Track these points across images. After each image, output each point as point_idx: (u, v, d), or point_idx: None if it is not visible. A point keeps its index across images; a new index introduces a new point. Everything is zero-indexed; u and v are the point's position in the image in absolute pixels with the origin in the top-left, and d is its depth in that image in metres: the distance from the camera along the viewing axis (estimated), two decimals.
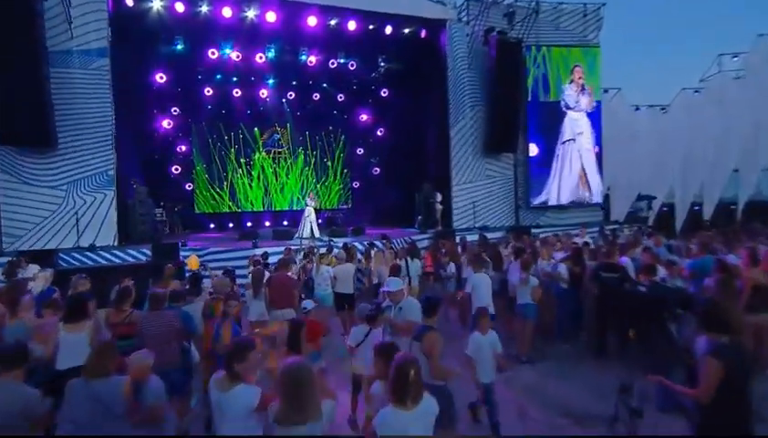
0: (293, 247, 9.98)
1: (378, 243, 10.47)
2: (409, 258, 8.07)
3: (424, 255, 9.74)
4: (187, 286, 6.72)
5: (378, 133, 17.95)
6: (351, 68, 15.35)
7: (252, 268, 7.28)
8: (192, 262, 8.54)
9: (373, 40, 13.72)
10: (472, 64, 13.75)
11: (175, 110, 15.41)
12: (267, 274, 6.51)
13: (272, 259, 8.54)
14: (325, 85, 16.24)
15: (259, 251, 9.35)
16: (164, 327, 4.42)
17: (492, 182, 14.01)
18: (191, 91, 15.03)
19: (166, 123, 15.20)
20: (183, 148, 16.09)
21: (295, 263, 8.53)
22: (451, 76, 13.51)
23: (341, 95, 17.06)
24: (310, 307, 4.94)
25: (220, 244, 11.63)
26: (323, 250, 9.21)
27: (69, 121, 10.53)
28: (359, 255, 9.09)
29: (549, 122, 14.49)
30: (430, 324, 3.78)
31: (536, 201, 14.63)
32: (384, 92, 16.68)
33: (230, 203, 16.75)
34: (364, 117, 17.95)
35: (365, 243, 10.37)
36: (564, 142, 14.58)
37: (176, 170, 15.61)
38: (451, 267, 8.04)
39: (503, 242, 10.35)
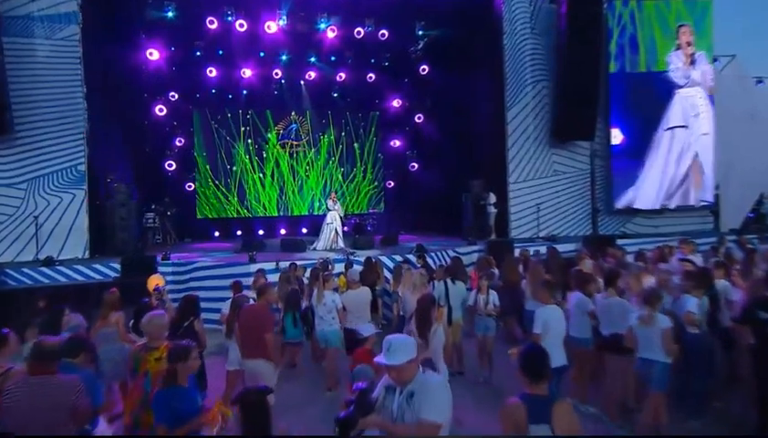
0: (299, 263, 8.80)
1: (412, 257, 9.35)
2: (449, 280, 6.73)
3: (471, 275, 8.35)
4: (131, 322, 5.47)
5: (417, 120, 17.04)
6: (382, 39, 14.22)
7: (232, 297, 5.82)
8: (159, 282, 7.18)
9: (408, 3, 12.89)
10: (536, 27, 12.56)
11: (172, 95, 14.79)
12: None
13: (273, 277, 7.73)
14: (350, 61, 15.26)
15: (263, 266, 8.49)
16: (47, 406, 2.98)
17: (561, 179, 12.78)
18: (189, 71, 14.35)
19: (158, 109, 14.47)
20: (182, 140, 15.49)
21: (294, 282, 7.46)
22: (509, 44, 12.42)
23: (371, 74, 16.11)
24: (368, 333, 4.41)
25: (212, 257, 10.66)
26: (338, 266, 8.37)
27: (29, 103, 9.78)
28: (387, 274, 8.34)
29: (640, 99, 12.66)
30: (538, 393, 2.51)
31: (621, 202, 12.83)
32: (423, 69, 15.63)
33: (238, 207, 16.21)
34: (399, 101, 17.24)
35: (397, 257, 9.43)
36: (669, 128, 12.59)
37: (170, 166, 14.94)
38: (494, 298, 6.49)
39: (582, 257, 8.48)
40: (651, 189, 12.79)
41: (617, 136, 12.85)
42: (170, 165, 15.02)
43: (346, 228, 14.60)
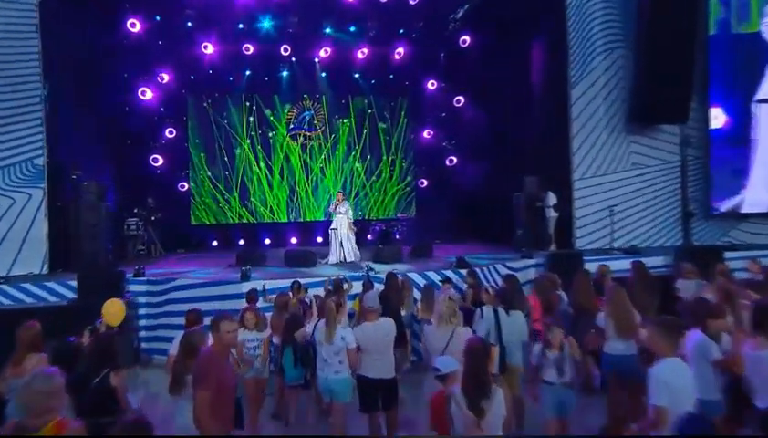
0: (302, 281, 7.98)
1: (454, 274, 8.69)
2: (501, 310, 5.77)
3: (529, 300, 7.27)
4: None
5: (456, 104, 16.45)
6: (412, 4, 13.58)
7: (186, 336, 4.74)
8: (112, 311, 6.16)
9: None
10: None
11: (160, 77, 14.27)
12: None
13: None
14: (373, 33, 14.67)
15: (263, 284, 8.19)
16: None
17: (642, 175, 11.89)
18: (180, 47, 13.96)
19: (141, 93, 13.87)
20: (173, 131, 15.08)
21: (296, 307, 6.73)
22: (573, 2, 11.60)
23: (399, 48, 15.49)
24: (448, 369, 3.72)
25: (200, 274, 10.02)
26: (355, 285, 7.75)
27: None
28: (416, 297, 7.72)
29: (750, 70, 11.38)
30: None
31: (725, 204, 11.59)
32: (464, 40, 15.00)
33: (240, 211, 15.91)
34: (433, 82, 16.62)
35: (432, 274, 8.83)
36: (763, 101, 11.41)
37: (155, 161, 14.49)
38: (569, 355, 5.15)
39: (687, 274, 7.37)
40: (762, 185, 11.42)
41: (718, 117, 11.64)
42: (155, 160, 14.52)
43: (370, 236, 14.64)
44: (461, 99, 16.28)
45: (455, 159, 16.73)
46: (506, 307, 5.92)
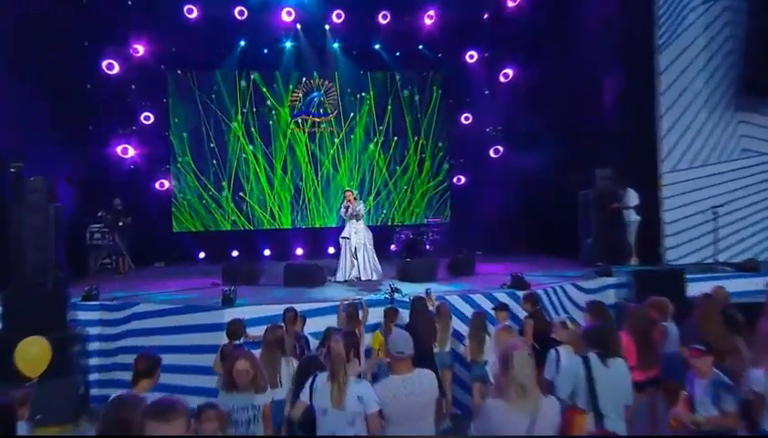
0: (304, 307, 7.51)
1: (506, 298, 8.11)
2: (594, 356, 4.70)
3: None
4: None
5: (502, 79, 16.00)
6: None
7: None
8: (27, 357, 5.10)
9: None
10: None
11: (134, 49, 14.04)
12: None
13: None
14: None
15: (248, 312, 7.67)
16: None
17: (756, 165, 11.34)
18: (158, 10, 13.80)
19: (107, 66, 13.61)
20: (149, 116, 14.76)
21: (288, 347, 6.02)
22: None
23: (430, 11, 15.25)
24: None
25: (159, 296, 9.50)
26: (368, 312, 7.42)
27: None
28: (456, 327, 7.44)
29: None
30: None
31: None
32: None
33: (236, 215, 15.69)
34: (474, 52, 16.17)
35: (477, 297, 8.31)
36: None
37: (125, 152, 14.00)
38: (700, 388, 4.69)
39: None
40: None
41: None
42: (125, 151, 14.01)
43: (394, 247, 14.44)
44: (510, 72, 15.80)
45: (501, 149, 16.22)
46: (602, 352, 4.65)
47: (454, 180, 16.73)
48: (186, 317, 7.94)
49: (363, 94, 16.26)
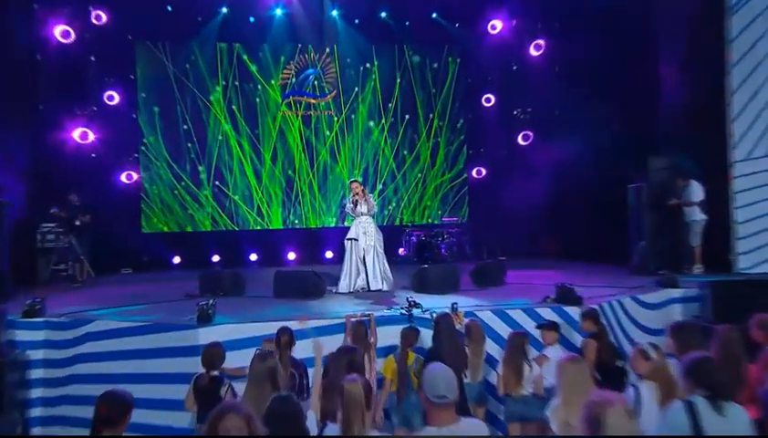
0: (292, 326, 6.85)
1: (552, 314, 7.82)
2: (704, 402, 4.09)
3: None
4: None
5: (534, 52, 15.72)
6: None
7: None
8: None
9: None
10: None
11: (96, 15, 13.76)
12: None
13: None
14: None
15: (228, 331, 7.41)
16: None
17: None
18: None
19: (62, 34, 13.18)
20: (113, 96, 14.46)
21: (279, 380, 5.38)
22: None
23: None
24: None
25: (112, 315, 8.90)
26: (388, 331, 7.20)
27: None
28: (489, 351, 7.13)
29: None
30: None
31: None
32: None
33: (216, 213, 15.49)
34: (498, 21, 15.96)
35: (514, 313, 7.99)
36: None
37: (84, 137, 13.76)
38: None
39: None
40: None
41: None
42: (85, 137, 13.73)
43: (403, 250, 14.56)
44: (542, 43, 15.41)
45: (530, 135, 15.87)
46: (712, 394, 3.96)
47: (473, 172, 16.49)
48: (153, 338, 7.40)
49: (367, 71, 16.12)
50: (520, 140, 15.92)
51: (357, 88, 16.09)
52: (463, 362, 6.27)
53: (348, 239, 10.31)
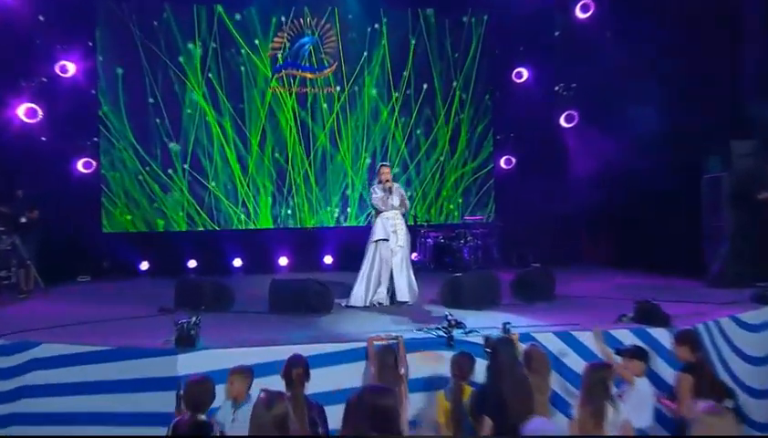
0: (309, 350, 6.75)
1: (633, 337, 7.61)
2: None
3: None
4: None
5: (579, 15, 15.14)
6: None
7: None
8: None
9: None
10: None
11: None
12: None
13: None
14: None
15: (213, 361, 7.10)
16: None
17: None
18: None
19: None
20: (67, 67, 13.96)
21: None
22: None
23: None
24: None
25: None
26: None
27: None
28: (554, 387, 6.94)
29: None
30: None
31: None
32: None
33: (193, 209, 15.25)
34: None
35: (582, 339, 7.63)
36: None
37: (32, 115, 13.19)
38: None
39: None
40: None
41: None
42: (32, 115, 13.27)
43: (417, 255, 14.39)
44: (590, 3, 14.96)
45: (576, 116, 15.32)
46: None
47: (501, 162, 16.25)
48: (118, 367, 6.95)
49: (374, 38, 15.88)
50: (562, 122, 15.37)
51: (362, 59, 15.78)
52: (530, 403, 5.66)
53: (376, 241, 9.87)
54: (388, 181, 9.98)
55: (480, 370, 6.15)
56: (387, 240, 9.77)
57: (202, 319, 7.44)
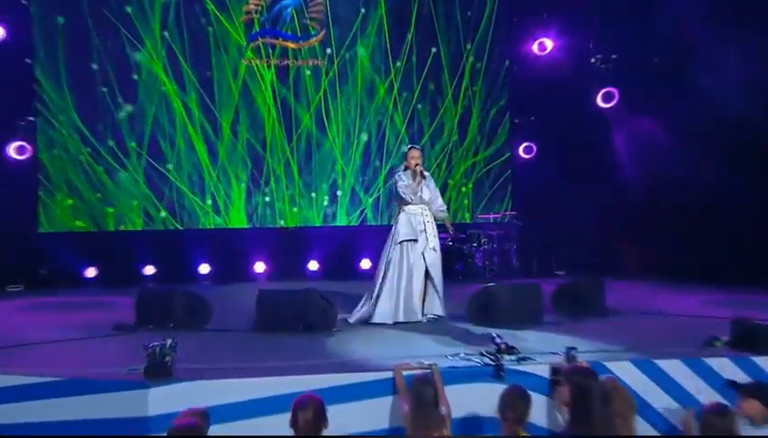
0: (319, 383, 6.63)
1: (741, 374, 7.20)
2: None
3: None
4: None
5: None
6: None
7: None
8: None
9: None
10: None
11: None
12: None
13: None
14: None
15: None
16: None
17: None
18: None
19: None
20: None
21: None
22: None
23: None
24: None
25: None
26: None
27: None
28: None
29: None
30: None
31: None
32: None
33: (151, 204, 15.00)
34: None
35: (673, 374, 7.24)
36: None
37: None
38: None
39: None
40: None
41: None
42: None
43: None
44: None
45: (616, 94, 14.83)
46: None
47: (520, 150, 16.00)
48: (71, 403, 6.35)
49: (370, 1, 15.70)
50: (599, 102, 14.82)
51: (355, 26, 15.46)
52: None
53: (402, 242, 9.36)
54: (418, 164, 9.49)
55: (538, 410, 5.84)
56: (415, 241, 9.30)
57: (178, 339, 6.76)
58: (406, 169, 9.72)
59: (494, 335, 7.17)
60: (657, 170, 13.93)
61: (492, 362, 6.53)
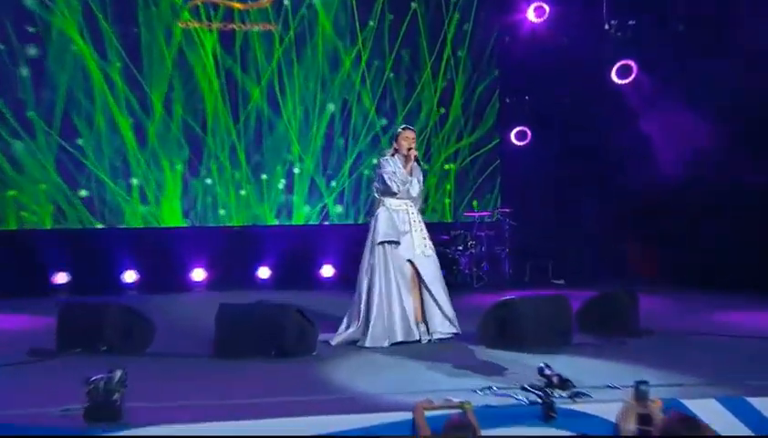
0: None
1: None
2: None
3: None
4: None
5: None
6: None
7: None
8: None
9: None
10: None
11: None
12: None
13: None
14: None
15: None
16: None
17: None
18: None
19: None
20: None
21: None
22: None
23: None
24: None
25: None
26: None
27: None
28: None
29: None
30: None
31: None
32: None
33: (63, 198, 14.70)
34: None
35: (757, 402, 6.76)
36: None
37: None
38: None
39: None
40: None
41: None
42: None
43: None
44: None
45: (634, 68, 14.62)
46: None
47: (512, 136, 16.02)
48: None
49: None
50: (614, 77, 14.51)
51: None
52: None
53: (383, 243, 8.72)
54: (411, 148, 8.87)
55: None
56: (397, 243, 8.70)
57: (121, 369, 5.81)
58: (394, 154, 9.10)
59: (543, 365, 6.45)
60: (678, 155, 13.50)
61: (540, 400, 5.85)
